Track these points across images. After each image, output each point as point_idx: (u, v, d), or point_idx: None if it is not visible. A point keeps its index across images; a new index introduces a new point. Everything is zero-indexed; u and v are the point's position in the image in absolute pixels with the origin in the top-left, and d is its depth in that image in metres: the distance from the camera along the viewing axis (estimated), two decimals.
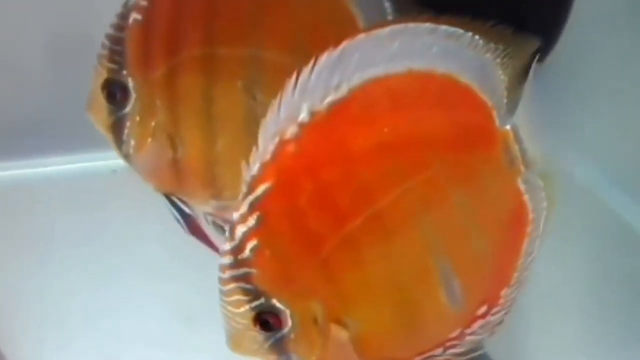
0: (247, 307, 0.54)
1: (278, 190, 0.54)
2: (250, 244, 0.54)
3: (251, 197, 0.54)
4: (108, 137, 0.67)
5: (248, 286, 0.54)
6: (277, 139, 0.53)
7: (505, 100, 0.60)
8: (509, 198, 0.60)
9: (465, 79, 0.58)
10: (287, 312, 0.55)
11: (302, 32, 0.63)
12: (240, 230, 0.54)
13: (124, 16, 0.65)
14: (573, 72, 0.84)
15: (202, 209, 0.67)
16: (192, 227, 0.67)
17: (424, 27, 0.56)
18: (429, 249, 0.57)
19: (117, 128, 0.66)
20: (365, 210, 0.54)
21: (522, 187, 0.61)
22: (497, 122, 0.60)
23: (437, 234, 0.57)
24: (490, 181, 0.59)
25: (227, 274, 0.54)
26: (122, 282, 0.78)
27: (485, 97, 0.59)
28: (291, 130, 0.53)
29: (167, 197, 0.68)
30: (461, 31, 0.57)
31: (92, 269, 0.79)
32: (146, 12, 0.64)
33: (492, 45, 0.59)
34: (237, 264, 0.54)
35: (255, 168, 0.54)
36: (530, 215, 0.61)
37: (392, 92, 0.56)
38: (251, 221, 0.54)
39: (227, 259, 0.54)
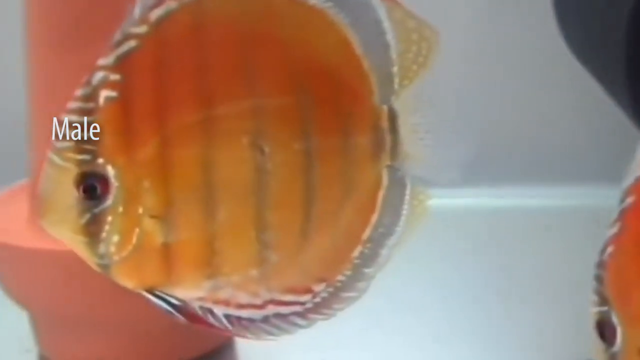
0: None
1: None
2: None
3: None
4: (79, 241, 0.57)
5: None
6: None
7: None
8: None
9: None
10: None
11: (299, 68, 0.59)
12: None
13: (90, 97, 0.55)
14: None
15: (190, 294, 0.60)
16: (190, 315, 0.60)
17: None
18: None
19: (92, 228, 0.57)
20: None
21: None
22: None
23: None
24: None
25: None
26: None
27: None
28: None
29: (151, 293, 0.59)
30: None
31: None
32: (122, 87, 0.55)
33: None
34: None
35: None
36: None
37: None
38: None
39: None
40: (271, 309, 0.61)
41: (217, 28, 0.57)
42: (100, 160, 0.55)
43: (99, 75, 0.55)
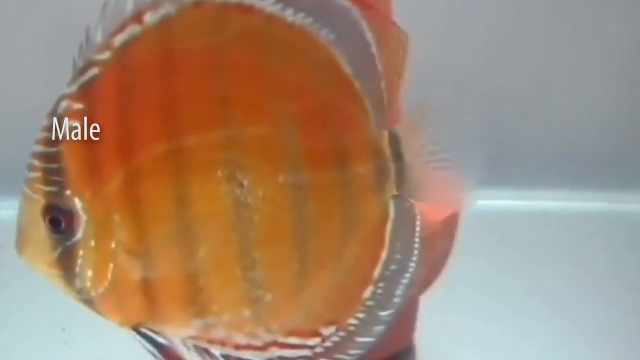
0: None
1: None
2: None
3: None
4: (53, 275, 0.55)
5: None
6: None
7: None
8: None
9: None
10: None
11: (281, 95, 0.54)
12: None
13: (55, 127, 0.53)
14: None
15: (182, 333, 0.56)
16: (173, 358, 0.56)
17: None
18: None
19: (65, 262, 0.54)
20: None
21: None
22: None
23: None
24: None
25: None
26: None
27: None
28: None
29: (136, 330, 0.56)
30: None
31: None
32: (84, 116, 0.52)
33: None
34: None
35: None
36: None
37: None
38: None
39: None
40: (275, 352, 0.57)
41: (186, 53, 0.53)
42: (68, 192, 0.53)
43: (64, 104, 0.53)
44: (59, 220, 0.53)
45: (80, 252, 0.54)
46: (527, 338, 0.82)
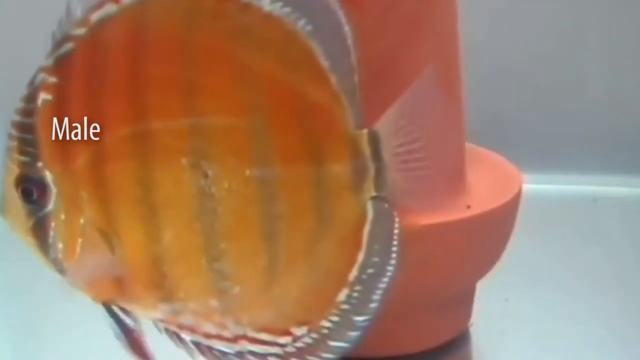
0: None
1: None
2: None
3: None
4: (28, 242, 0.56)
5: None
6: None
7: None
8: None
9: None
10: None
11: (253, 85, 0.53)
12: None
13: (31, 98, 0.54)
14: None
15: (151, 315, 0.56)
16: (134, 344, 0.56)
17: None
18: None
19: (39, 232, 0.55)
20: None
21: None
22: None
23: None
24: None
25: None
26: None
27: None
28: None
29: (107, 307, 0.56)
30: None
31: None
32: (57, 90, 0.53)
33: None
34: None
35: None
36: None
37: None
38: None
39: None
40: (245, 345, 0.56)
41: (158, 36, 0.53)
42: (40, 164, 0.54)
43: (40, 77, 0.54)
44: (31, 190, 0.54)
45: (52, 224, 0.55)
46: (581, 325, 0.80)
